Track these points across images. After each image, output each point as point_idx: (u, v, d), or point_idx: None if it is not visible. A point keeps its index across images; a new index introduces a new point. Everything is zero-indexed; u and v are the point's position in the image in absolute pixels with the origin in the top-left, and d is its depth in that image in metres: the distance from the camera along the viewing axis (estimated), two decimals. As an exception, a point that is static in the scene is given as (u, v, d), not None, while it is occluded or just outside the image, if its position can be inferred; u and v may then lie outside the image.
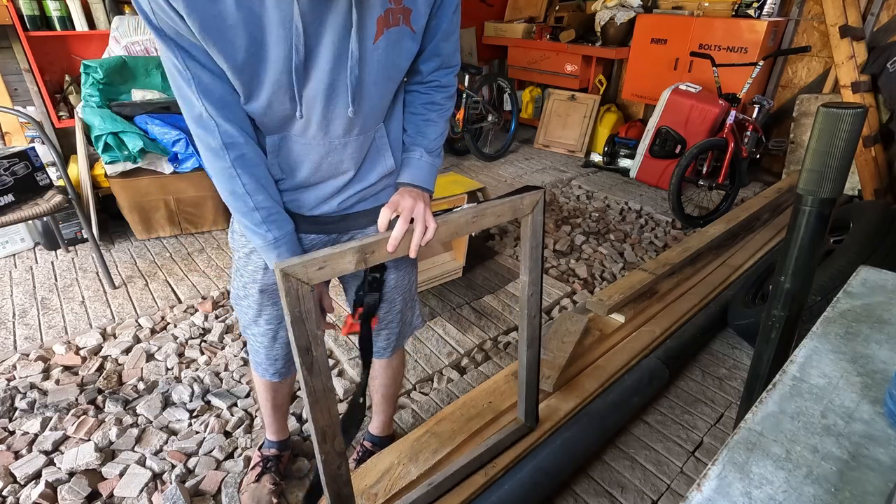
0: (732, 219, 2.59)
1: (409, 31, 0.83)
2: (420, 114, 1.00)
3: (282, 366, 1.20)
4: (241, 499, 1.37)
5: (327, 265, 0.80)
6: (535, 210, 1.08)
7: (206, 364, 1.88)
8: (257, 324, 1.11)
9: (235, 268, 1.09)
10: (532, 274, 1.15)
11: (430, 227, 0.89)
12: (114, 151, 2.44)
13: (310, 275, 0.79)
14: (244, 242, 1.02)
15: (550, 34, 4.47)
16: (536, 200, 1.08)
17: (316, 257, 0.79)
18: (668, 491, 1.42)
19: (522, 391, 1.31)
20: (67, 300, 2.26)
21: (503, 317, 2.18)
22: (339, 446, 0.92)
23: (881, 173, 3.10)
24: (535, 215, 1.09)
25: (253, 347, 1.18)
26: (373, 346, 1.24)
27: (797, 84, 3.63)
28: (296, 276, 0.78)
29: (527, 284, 1.16)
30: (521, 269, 1.16)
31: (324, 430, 0.88)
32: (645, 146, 3.60)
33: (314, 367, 0.84)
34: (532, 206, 1.07)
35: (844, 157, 0.86)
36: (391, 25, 0.80)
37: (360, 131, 0.90)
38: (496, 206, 1.00)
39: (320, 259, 0.80)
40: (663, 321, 1.93)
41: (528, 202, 1.06)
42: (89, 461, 1.45)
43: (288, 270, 0.77)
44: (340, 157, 0.91)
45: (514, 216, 1.05)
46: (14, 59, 2.80)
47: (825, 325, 0.80)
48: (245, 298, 1.09)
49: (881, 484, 0.54)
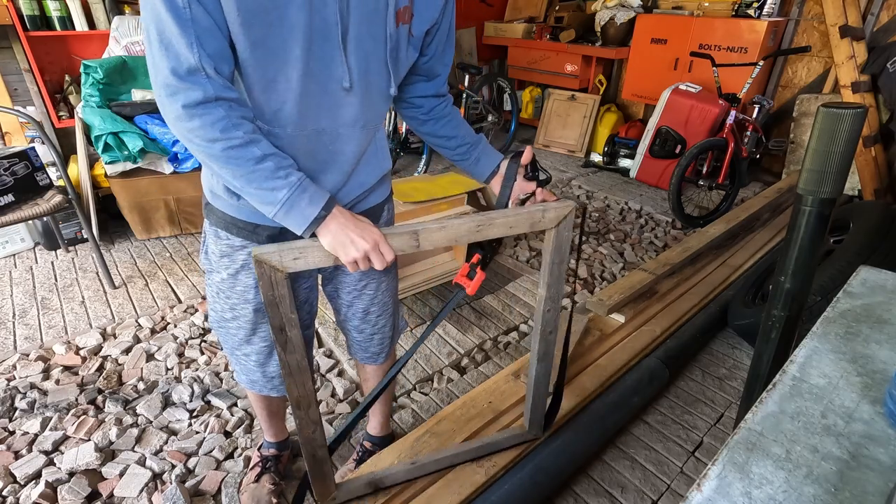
0: (732, 219, 2.59)
1: (411, 35, 0.86)
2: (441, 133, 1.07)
3: (279, 382, 1.14)
4: (240, 499, 1.37)
5: (303, 256, 0.81)
6: (562, 226, 0.97)
7: (206, 364, 1.88)
8: (250, 343, 1.07)
9: (216, 290, 1.03)
10: (551, 290, 1.08)
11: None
12: (114, 151, 2.44)
13: (285, 263, 0.80)
14: (227, 263, 0.98)
15: (550, 34, 4.47)
16: (564, 216, 0.97)
17: (292, 246, 0.80)
18: (668, 491, 1.42)
19: (529, 401, 1.29)
20: (67, 300, 2.26)
21: (503, 317, 2.18)
22: (313, 415, 0.99)
23: (881, 173, 3.10)
24: (562, 230, 0.98)
25: (245, 367, 1.13)
26: (369, 349, 1.24)
27: (797, 84, 3.63)
28: (269, 264, 0.79)
29: (544, 300, 1.09)
30: (540, 283, 1.08)
31: (298, 400, 0.96)
32: (645, 146, 3.60)
33: (288, 345, 0.89)
34: (558, 220, 0.97)
35: (844, 157, 0.86)
36: (404, 23, 0.83)
37: (362, 126, 0.90)
38: (508, 216, 0.91)
39: (297, 248, 0.80)
40: (663, 321, 1.93)
41: (553, 216, 0.96)
42: (89, 461, 1.45)
43: (262, 257, 0.78)
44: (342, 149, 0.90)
45: (531, 229, 0.96)
46: (14, 59, 2.80)
47: (825, 325, 0.80)
48: (234, 320, 1.05)
49: (881, 484, 0.54)
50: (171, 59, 0.69)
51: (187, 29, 0.68)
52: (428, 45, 0.94)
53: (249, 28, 0.71)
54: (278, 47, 0.74)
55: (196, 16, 0.68)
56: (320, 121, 0.84)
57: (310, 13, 0.73)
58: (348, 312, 1.17)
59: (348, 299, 1.14)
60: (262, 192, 0.78)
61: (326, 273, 1.12)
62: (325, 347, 2.00)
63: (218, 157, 0.75)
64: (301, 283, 1.05)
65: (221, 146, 0.74)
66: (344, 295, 1.14)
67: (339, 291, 1.14)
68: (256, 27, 0.71)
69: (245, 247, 0.96)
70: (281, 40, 0.73)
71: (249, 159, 0.75)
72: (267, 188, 0.78)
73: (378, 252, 0.82)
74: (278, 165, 0.78)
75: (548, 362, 1.22)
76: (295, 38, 0.74)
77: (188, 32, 0.68)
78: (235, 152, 0.75)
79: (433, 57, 0.97)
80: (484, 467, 1.28)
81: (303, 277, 1.05)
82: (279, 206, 0.78)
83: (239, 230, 0.94)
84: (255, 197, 0.79)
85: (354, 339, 1.23)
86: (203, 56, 0.70)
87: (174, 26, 0.67)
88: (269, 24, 0.72)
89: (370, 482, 1.20)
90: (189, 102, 0.71)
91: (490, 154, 1.08)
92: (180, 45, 0.68)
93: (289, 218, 0.80)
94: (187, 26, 0.68)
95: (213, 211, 0.96)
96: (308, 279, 1.06)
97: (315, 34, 0.75)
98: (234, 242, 0.96)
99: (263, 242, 0.95)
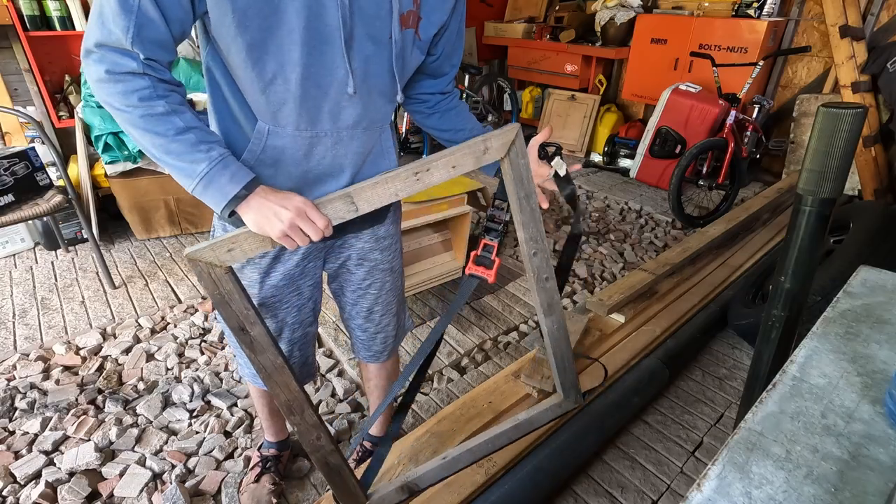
0: (732, 219, 2.58)
1: (417, 38, 0.86)
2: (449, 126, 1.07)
3: None
4: (240, 499, 1.37)
5: (237, 245, 0.76)
6: (513, 152, 0.88)
7: (206, 364, 1.88)
8: None
9: None
10: (529, 229, 0.95)
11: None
12: (114, 151, 2.44)
13: (220, 257, 0.75)
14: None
15: (550, 34, 4.47)
16: (510, 140, 0.87)
17: (223, 238, 0.75)
18: (668, 491, 1.42)
19: (554, 367, 1.15)
20: (67, 300, 2.26)
21: (503, 317, 2.18)
22: (310, 418, 0.91)
23: (881, 173, 3.10)
24: (515, 157, 0.88)
25: (248, 361, 1.14)
26: (372, 348, 1.24)
27: (797, 84, 3.63)
28: (204, 261, 0.74)
29: (526, 242, 0.96)
30: (516, 225, 0.95)
31: (288, 404, 0.89)
32: (645, 146, 3.60)
33: (254, 345, 0.82)
34: (506, 147, 0.87)
35: (844, 157, 0.86)
36: (408, 27, 0.82)
37: (365, 128, 0.89)
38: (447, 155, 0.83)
39: (228, 240, 0.75)
40: (663, 321, 1.93)
41: (499, 145, 0.86)
42: (89, 461, 1.45)
43: (194, 256, 0.73)
44: (345, 151, 0.90)
45: (478, 164, 0.87)
46: (14, 59, 2.79)
47: (825, 325, 0.80)
48: None
49: (881, 484, 0.54)
50: (103, 33, 0.68)
51: (129, 15, 0.66)
52: (435, 46, 0.94)
53: (245, 30, 0.71)
54: (276, 50, 0.74)
55: (143, 6, 0.67)
56: (322, 123, 0.84)
57: (308, 17, 0.72)
58: (352, 311, 1.17)
59: (353, 298, 1.14)
60: (181, 165, 0.74)
61: (331, 271, 1.12)
62: (325, 347, 2.00)
63: (136, 124, 0.72)
64: (305, 281, 1.05)
65: (140, 112, 0.71)
66: (348, 293, 1.14)
67: (343, 289, 1.15)
68: (252, 29, 0.71)
69: None
70: (278, 43, 0.73)
71: (169, 129, 0.72)
72: (186, 160, 0.73)
73: (307, 220, 0.77)
74: (201, 139, 0.74)
75: (557, 315, 1.07)
76: (293, 41, 0.74)
77: (129, 18, 0.66)
78: (155, 121, 0.71)
79: (440, 57, 0.97)
80: (484, 467, 1.28)
81: (307, 276, 1.04)
82: (198, 180, 0.74)
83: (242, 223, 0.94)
84: (175, 170, 0.75)
85: (358, 337, 1.23)
86: (136, 42, 0.68)
87: (116, 7, 0.66)
88: (267, 28, 0.72)
89: (403, 486, 1.11)
90: (113, 70, 0.69)
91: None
92: (117, 26, 0.67)
93: (207, 194, 0.75)
94: (130, 12, 0.66)
95: None
96: (312, 277, 1.06)
97: (314, 38, 0.75)
98: None
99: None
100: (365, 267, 1.09)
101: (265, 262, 0.98)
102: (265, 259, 0.98)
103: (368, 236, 1.05)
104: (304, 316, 1.10)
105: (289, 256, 0.99)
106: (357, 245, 1.06)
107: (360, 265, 1.08)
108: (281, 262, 0.99)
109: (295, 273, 1.01)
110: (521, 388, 1.53)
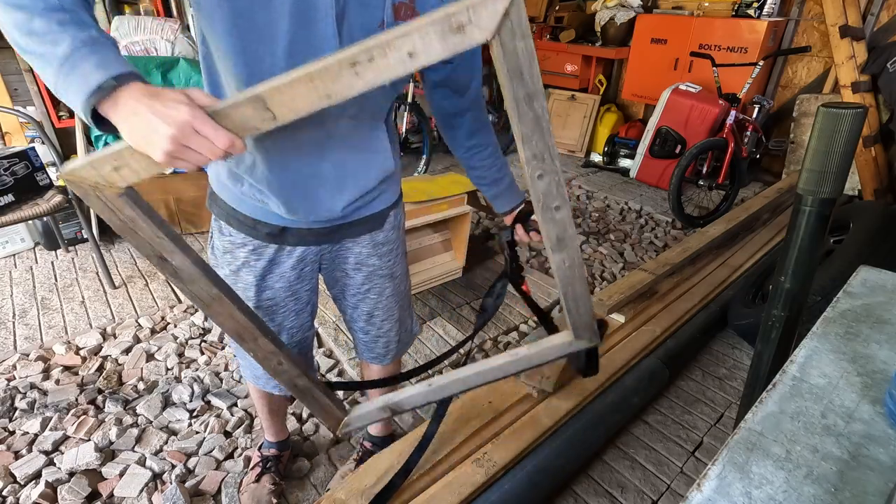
0: (732, 219, 2.58)
1: None
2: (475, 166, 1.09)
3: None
4: (240, 499, 1.37)
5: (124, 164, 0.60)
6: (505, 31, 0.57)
7: (206, 364, 1.88)
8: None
9: None
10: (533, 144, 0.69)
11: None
12: (114, 151, 2.44)
13: (107, 177, 0.60)
14: (229, 260, 0.98)
15: (550, 34, 4.47)
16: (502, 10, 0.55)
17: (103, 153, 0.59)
18: (668, 491, 1.42)
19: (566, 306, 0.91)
20: (67, 300, 2.26)
21: (503, 317, 2.18)
22: (265, 346, 0.83)
23: (881, 173, 3.10)
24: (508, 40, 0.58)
25: (249, 362, 1.13)
26: (374, 350, 1.24)
27: (797, 84, 3.63)
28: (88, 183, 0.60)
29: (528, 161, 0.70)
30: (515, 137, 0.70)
31: (238, 333, 0.81)
32: (645, 146, 3.60)
33: (180, 274, 0.71)
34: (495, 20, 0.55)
35: (844, 157, 0.86)
36: (401, 19, 0.80)
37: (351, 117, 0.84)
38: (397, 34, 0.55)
39: (111, 156, 0.59)
40: (663, 321, 1.93)
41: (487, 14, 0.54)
42: (89, 461, 1.45)
43: (70, 177, 0.59)
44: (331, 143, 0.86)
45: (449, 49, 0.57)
46: (14, 59, 2.80)
47: (825, 325, 0.80)
48: None
49: (881, 484, 0.54)
50: None
51: None
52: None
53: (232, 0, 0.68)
54: (263, 22, 0.71)
55: None
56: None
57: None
58: (353, 314, 1.17)
59: (353, 302, 1.14)
60: (42, 51, 0.58)
61: (331, 278, 1.11)
62: (325, 347, 2.00)
63: None
64: (303, 286, 1.05)
65: None
66: (349, 297, 1.13)
67: (344, 294, 1.14)
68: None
69: (245, 244, 0.96)
70: (266, 16, 0.70)
71: (38, 4, 0.57)
72: (48, 42, 0.57)
73: (198, 136, 0.57)
74: (75, 20, 0.58)
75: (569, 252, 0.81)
76: (281, 15, 0.71)
77: None
78: None
79: (458, 64, 0.93)
80: (484, 467, 1.28)
81: (304, 280, 1.04)
82: (58, 64, 0.57)
83: (240, 224, 0.94)
84: (37, 59, 0.59)
85: (360, 339, 1.23)
86: None
87: None
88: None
89: (385, 406, 1.05)
90: None
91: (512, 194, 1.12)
92: None
93: (69, 84, 0.58)
94: None
95: (217, 201, 0.96)
96: (309, 282, 1.06)
97: (302, 15, 0.72)
98: (236, 239, 0.96)
99: (263, 241, 0.94)
100: (363, 272, 1.08)
101: (261, 265, 0.97)
102: (261, 261, 0.97)
103: (366, 242, 1.04)
104: (303, 321, 1.10)
105: (285, 258, 0.98)
106: (355, 250, 1.04)
107: (357, 270, 1.07)
108: (277, 265, 0.98)
109: (292, 277, 1.01)
110: (522, 388, 1.53)
